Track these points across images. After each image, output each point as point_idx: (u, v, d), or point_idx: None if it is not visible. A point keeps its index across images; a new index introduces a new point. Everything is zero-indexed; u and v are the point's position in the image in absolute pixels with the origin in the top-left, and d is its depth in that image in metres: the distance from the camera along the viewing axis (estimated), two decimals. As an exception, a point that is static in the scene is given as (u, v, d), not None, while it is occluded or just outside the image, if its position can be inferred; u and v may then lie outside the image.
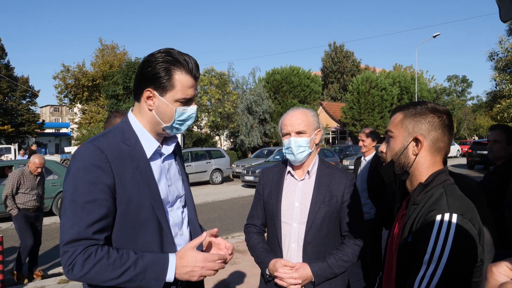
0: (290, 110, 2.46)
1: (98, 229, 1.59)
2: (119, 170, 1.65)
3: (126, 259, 1.59)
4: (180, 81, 1.70)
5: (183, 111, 1.76)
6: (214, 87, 30.14)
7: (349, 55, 56.72)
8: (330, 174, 2.43)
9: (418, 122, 1.58)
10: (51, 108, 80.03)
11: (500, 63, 34.94)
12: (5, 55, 38.06)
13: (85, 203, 1.57)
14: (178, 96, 1.72)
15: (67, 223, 1.57)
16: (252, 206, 2.62)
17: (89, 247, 1.56)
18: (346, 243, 2.36)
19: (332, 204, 2.35)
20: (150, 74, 1.69)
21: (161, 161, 1.86)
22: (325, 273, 2.26)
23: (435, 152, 1.58)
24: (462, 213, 1.39)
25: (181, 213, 1.94)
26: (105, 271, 1.55)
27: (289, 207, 2.38)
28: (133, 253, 1.62)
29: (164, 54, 1.71)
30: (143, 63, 1.73)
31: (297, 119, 2.36)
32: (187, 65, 1.72)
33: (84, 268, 1.53)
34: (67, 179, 1.62)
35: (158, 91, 1.71)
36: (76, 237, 1.55)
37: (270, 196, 2.45)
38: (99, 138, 1.70)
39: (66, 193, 1.61)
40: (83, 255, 1.54)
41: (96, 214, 1.58)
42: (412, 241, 1.46)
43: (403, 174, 1.62)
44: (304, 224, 2.33)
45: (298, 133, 2.35)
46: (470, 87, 74.06)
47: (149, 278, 1.60)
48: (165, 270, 1.63)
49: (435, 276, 1.33)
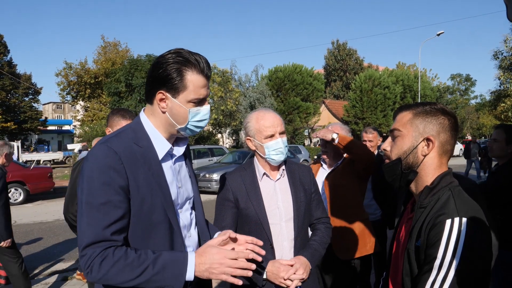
0: (259, 111, 2.47)
1: (115, 230, 1.58)
2: (133, 171, 1.64)
3: (144, 258, 1.57)
4: (192, 82, 1.68)
5: (196, 112, 1.74)
6: (217, 85, 30.13)
7: (352, 53, 56.59)
8: (295, 169, 2.58)
9: (429, 122, 1.57)
10: (54, 105, 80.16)
11: (504, 62, 34.93)
12: (7, 52, 38.00)
13: (101, 204, 1.56)
14: (191, 96, 1.70)
15: (84, 225, 1.57)
16: (219, 216, 2.46)
17: (107, 248, 1.55)
18: (320, 227, 2.57)
19: (307, 196, 2.51)
20: (161, 76, 1.67)
21: (172, 163, 1.85)
22: (315, 258, 2.39)
23: (442, 154, 1.58)
24: (471, 217, 1.38)
25: (189, 215, 1.93)
26: (123, 271, 1.53)
27: (274, 208, 2.41)
28: (152, 253, 1.60)
29: (174, 55, 1.68)
30: (154, 65, 1.71)
31: (278, 119, 2.42)
32: (199, 64, 1.70)
33: (102, 270, 1.52)
34: (81, 181, 1.61)
35: (170, 92, 1.69)
36: (94, 240, 1.54)
37: (249, 200, 2.41)
38: (112, 138, 1.69)
39: (81, 196, 1.60)
40: (100, 257, 1.53)
41: (112, 215, 1.57)
42: (420, 245, 1.45)
43: (410, 174, 1.61)
44: (291, 221, 2.41)
45: (282, 134, 2.41)
46: (473, 86, 73.89)
47: (168, 277, 1.56)
48: (184, 268, 1.59)
49: (446, 281, 1.33)
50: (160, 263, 1.57)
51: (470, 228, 1.35)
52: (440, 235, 1.38)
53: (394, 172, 1.64)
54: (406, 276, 1.53)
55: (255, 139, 2.42)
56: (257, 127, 2.41)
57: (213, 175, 16.38)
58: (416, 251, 1.48)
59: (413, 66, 64.98)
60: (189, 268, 1.60)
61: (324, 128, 3.41)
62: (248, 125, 2.45)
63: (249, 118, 2.48)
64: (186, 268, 1.59)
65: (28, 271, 5.10)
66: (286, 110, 37.30)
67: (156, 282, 1.56)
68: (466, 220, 1.37)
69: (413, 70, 60.41)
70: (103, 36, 51.23)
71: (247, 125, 2.46)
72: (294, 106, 37.23)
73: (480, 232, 1.37)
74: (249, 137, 2.45)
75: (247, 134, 2.46)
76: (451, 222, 1.38)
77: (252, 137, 2.44)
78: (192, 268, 1.60)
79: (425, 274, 1.39)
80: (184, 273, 1.58)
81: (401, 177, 1.63)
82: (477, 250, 1.34)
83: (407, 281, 1.53)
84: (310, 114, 37.88)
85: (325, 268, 3.52)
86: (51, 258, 7.57)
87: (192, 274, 1.60)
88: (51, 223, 10.69)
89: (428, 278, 1.37)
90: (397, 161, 1.62)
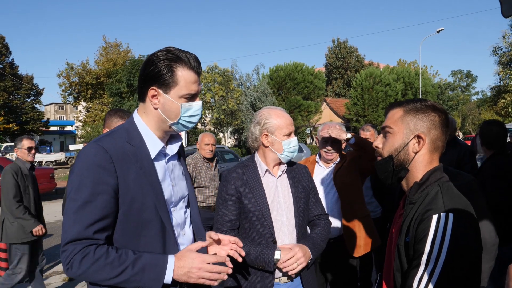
0: (276, 109, 2.55)
1: (98, 229, 1.60)
2: (123, 170, 1.66)
3: (125, 259, 1.59)
4: (183, 77, 1.72)
5: (188, 107, 1.77)
6: (218, 84, 30.12)
7: (352, 51, 56.43)
8: (293, 167, 2.67)
9: (419, 119, 1.58)
10: (56, 106, 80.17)
11: (504, 57, 34.90)
12: (9, 54, 38.11)
13: (87, 202, 1.58)
14: (182, 92, 1.73)
15: (68, 222, 1.59)
16: (221, 211, 2.48)
17: (88, 246, 1.57)
18: (320, 223, 2.64)
19: (306, 193, 2.60)
20: (153, 73, 1.71)
21: (165, 162, 1.87)
22: (316, 249, 2.45)
23: (433, 151, 1.59)
24: (458, 212, 1.40)
25: (184, 213, 1.95)
26: (103, 270, 1.56)
27: (275, 203, 2.48)
28: (132, 253, 1.63)
29: (165, 52, 1.72)
30: (145, 63, 1.75)
31: (291, 119, 2.54)
32: (189, 61, 1.74)
33: (82, 267, 1.55)
34: (71, 178, 1.64)
35: (162, 88, 1.73)
36: (76, 237, 1.57)
37: (252, 195, 2.46)
38: (104, 138, 1.72)
39: (69, 192, 1.63)
40: (81, 254, 1.55)
41: (97, 214, 1.59)
42: (410, 241, 1.47)
43: (401, 171, 1.62)
44: (292, 217, 2.49)
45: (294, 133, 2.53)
46: (474, 82, 73.69)
47: (147, 279, 1.60)
48: (163, 271, 1.62)
49: (433, 276, 1.34)
50: (140, 265, 1.60)
51: (457, 223, 1.37)
52: (427, 230, 1.39)
53: (386, 169, 1.65)
54: (397, 271, 1.55)
55: (274, 136, 2.47)
56: (278, 124, 2.47)
57: None
58: (405, 247, 1.49)
59: (414, 63, 64.74)
60: (167, 271, 1.63)
61: (333, 128, 3.47)
62: (268, 121, 2.49)
63: (267, 115, 2.51)
64: (165, 271, 1.63)
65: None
66: (288, 108, 37.23)
67: (135, 283, 1.59)
68: (453, 215, 1.38)
69: (414, 67, 60.18)
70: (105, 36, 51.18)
71: (267, 121, 2.49)
72: (295, 105, 37.18)
73: (467, 227, 1.38)
74: (268, 133, 2.49)
75: (267, 129, 2.49)
76: (437, 218, 1.39)
77: (270, 133, 2.48)
78: (170, 271, 1.64)
79: (414, 269, 1.41)
80: (162, 276, 1.62)
81: (392, 174, 1.64)
82: (463, 245, 1.35)
83: (397, 276, 1.54)
84: (311, 112, 37.82)
85: (327, 265, 3.55)
86: (53, 258, 7.58)
87: (171, 277, 1.63)
88: (53, 224, 10.69)
89: (416, 273, 1.38)
90: (388, 158, 1.64)
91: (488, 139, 3.89)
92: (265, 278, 2.36)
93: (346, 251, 3.47)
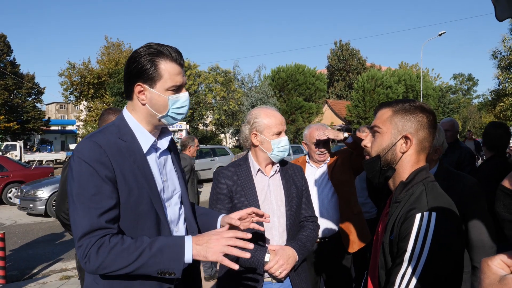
0: (266, 108, 2.55)
1: (109, 219, 1.60)
2: (119, 163, 1.67)
3: (141, 243, 1.58)
4: (167, 70, 1.73)
5: (176, 99, 1.79)
6: (219, 85, 30.14)
7: (354, 53, 56.54)
8: (287, 167, 2.67)
9: (407, 120, 1.59)
10: (57, 106, 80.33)
11: (503, 61, 34.99)
12: (10, 52, 38.15)
13: (93, 195, 1.59)
14: (168, 84, 1.75)
15: (77, 217, 1.59)
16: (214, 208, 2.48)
17: (102, 237, 1.57)
18: (309, 225, 2.60)
19: (299, 194, 2.59)
20: (136, 69, 1.73)
21: (157, 156, 1.88)
22: (303, 251, 2.41)
23: (420, 151, 1.60)
24: (441, 211, 1.41)
25: (178, 210, 1.95)
26: (121, 256, 1.54)
27: (267, 203, 2.48)
28: (147, 238, 1.62)
29: (145, 48, 1.75)
30: (128, 61, 1.77)
31: (283, 118, 2.53)
32: (170, 54, 1.76)
33: (99, 257, 1.53)
34: (70, 177, 1.64)
35: (147, 83, 1.74)
36: (89, 229, 1.56)
37: (243, 194, 2.46)
38: (97, 134, 1.73)
39: (71, 190, 1.63)
40: (97, 245, 1.54)
41: (105, 204, 1.60)
42: (394, 239, 1.49)
43: (388, 170, 1.63)
44: (283, 217, 2.49)
45: (285, 132, 2.53)
46: (476, 85, 73.77)
47: (166, 259, 1.56)
48: (182, 250, 1.59)
49: (415, 274, 1.36)
50: (157, 246, 1.58)
51: (440, 222, 1.38)
52: (410, 228, 1.41)
53: (374, 169, 1.67)
54: (382, 269, 1.56)
55: (263, 135, 2.48)
56: (266, 123, 2.47)
57: (38, 192, 11.58)
58: (390, 245, 1.51)
59: (416, 66, 64.90)
60: (187, 250, 1.59)
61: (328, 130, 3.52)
62: (257, 120, 2.50)
63: (257, 114, 2.52)
64: (184, 250, 1.59)
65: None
66: (289, 110, 37.31)
67: (154, 266, 1.56)
68: (436, 214, 1.40)
69: (415, 70, 60.34)
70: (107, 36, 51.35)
71: (256, 120, 2.50)
72: (296, 106, 37.26)
73: (449, 226, 1.40)
74: (256, 132, 2.50)
75: (255, 129, 2.50)
76: (421, 216, 1.41)
77: (259, 132, 2.49)
78: (190, 250, 1.59)
79: (397, 267, 1.42)
80: (182, 255, 1.58)
81: (379, 174, 1.66)
82: (445, 243, 1.37)
83: (382, 274, 1.56)
84: (312, 114, 37.91)
85: (321, 264, 3.56)
86: (51, 257, 7.60)
87: (191, 256, 1.59)
88: (51, 223, 10.72)
89: (399, 271, 1.40)
90: (376, 158, 1.65)
91: (491, 141, 3.89)
92: (256, 278, 2.36)
93: (340, 250, 3.51)
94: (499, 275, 0.81)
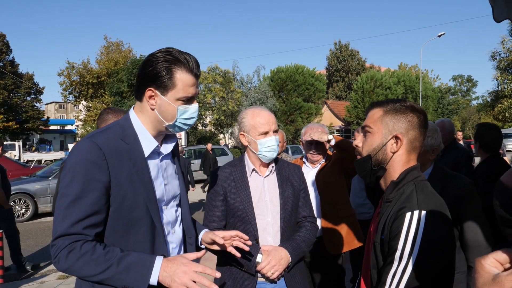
0: (255, 108, 2.53)
1: (88, 225, 1.60)
2: (116, 167, 1.66)
3: (110, 256, 1.59)
4: (181, 80, 1.70)
5: (185, 110, 1.76)
6: (218, 85, 30.16)
7: (354, 54, 56.63)
8: (285, 167, 2.63)
9: (398, 120, 1.60)
10: (56, 105, 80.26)
11: (502, 62, 35.07)
12: (10, 52, 38.19)
13: (78, 198, 1.59)
14: (179, 94, 1.72)
15: (58, 217, 1.60)
16: (209, 210, 2.52)
17: (75, 242, 1.57)
18: (306, 225, 2.57)
19: (295, 194, 2.56)
20: (151, 74, 1.69)
21: (159, 160, 1.87)
22: (297, 252, 2.40)
23: (411, 151, 1.61)
24: (431, 210, 1.42)
25: (175, 212, 1.95)
26: (88, 265, 1.56)
27: (261, 203, 2.46)
28: (119, 251, 1.62)
29: (164, 54, 1.71)
30: (144, 63, 1.74)
31: (272, 118, 2.49)
32: (188, 63, 1.72)
33: (68, 261, 1.56)
34: (64, 174, 1.64)
35: (159, 90, 1.71)
36: (65, 232, 1.57)
37: (237, 194, 2.46)
38: (98, 134, 1.72)
39: (61, 187, 1.63)
40: (68, 249, 1.56)
41: (87, 210, 1.59)
42: (385, 238, 1.50)
43: (379, 170, 1.64)
44: (277, 217, 2.47)
45: (275, 132, 2.48)
46: (475, 86, 73.86)
47: (131, 279, 1.58)
48: (149, 272, 1.59)
49: (405, 272, 1.36)
50: (124, 264, 1.59)
51: (429, 221, 1.39)
52: (400, 227, 1.42)
53: (365, 168, 1.67)
54: (373, 268, 1.57)
55: (249, 135, 2.47)
56: (252, 123, 2.46)
57: None
58: (381, 244, 1.52)
59: (415, 67, 64.86)
60: (153, 272, 1.60)
61: (315, 131, 3.50)
62: (243, 120, 2.50)
63: (244, 114, 2.52)
64: (151, 272, 1.60)
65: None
66: (288, 110, 37.32)
67: (119, 281, 1.58)
68: (426, 213, 1.41)
69: (415, 71, 60.31)
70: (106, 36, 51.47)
71: (242, 121, 2.51)
72: (296, 107, 37.26)
73: (439, 225, 1.41)
74: (243, 133, 2.50)
75: (242, 129, 2.51)
76: (410, 215, 1.42)
77: (246, 132, 2.48)
78: (156, 272, 1.61)
79: (388, 266, 1.43)
80: (147, 277, 1.59)
81: (371, 173, 1.67)
82: (435, 243, 1.38)
83: (373, 273, 1.57)
84: (312, 114, 37.90)
85: (315, 265, 3.57)
86: (49, 257, 7.57)
87: (156, 278, 1.60)
88: (50, 222, 10.69)
89: (390, 270, 1.41)
90: (367, 158, 1.66)
91: (487, 143, 3.89)
92: (249, 278, 2.36)
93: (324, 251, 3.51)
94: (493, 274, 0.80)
